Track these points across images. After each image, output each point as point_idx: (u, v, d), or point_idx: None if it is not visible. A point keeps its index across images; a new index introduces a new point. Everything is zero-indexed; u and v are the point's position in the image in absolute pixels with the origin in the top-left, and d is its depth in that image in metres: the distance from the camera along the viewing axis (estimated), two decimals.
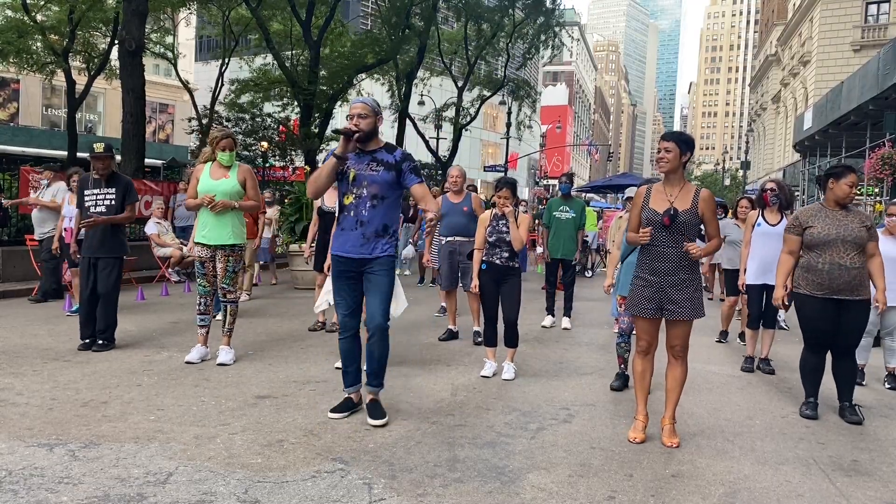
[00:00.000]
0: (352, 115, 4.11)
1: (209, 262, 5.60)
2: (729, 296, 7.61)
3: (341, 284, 4.24)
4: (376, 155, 4.18)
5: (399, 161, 4.18)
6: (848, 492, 3.42)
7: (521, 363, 5.94)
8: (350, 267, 4.18)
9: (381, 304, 4.17)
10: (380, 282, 4.16)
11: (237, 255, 5.65)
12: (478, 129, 49.13)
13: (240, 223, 5.67)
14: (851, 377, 4.78)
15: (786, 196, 6.26)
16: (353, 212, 4.15)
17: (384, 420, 4.12)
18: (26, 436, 3.72)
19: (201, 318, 5.70)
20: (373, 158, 4.17)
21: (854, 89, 19.37)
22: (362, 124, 4.08)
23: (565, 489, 3.29)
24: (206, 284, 5.64)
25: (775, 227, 6.12)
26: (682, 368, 4.05)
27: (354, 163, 4.16)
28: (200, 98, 27.64)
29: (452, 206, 7.22)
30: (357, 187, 4.14)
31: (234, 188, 5.56)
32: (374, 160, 4.16)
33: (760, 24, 70.15)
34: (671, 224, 3.88)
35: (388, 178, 4.14)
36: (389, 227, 4.20)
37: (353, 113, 4.12)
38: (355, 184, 4.14)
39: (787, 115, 44.08)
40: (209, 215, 5.52)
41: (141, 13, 12.25)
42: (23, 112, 30.61)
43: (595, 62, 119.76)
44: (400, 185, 4.22)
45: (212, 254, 5.59)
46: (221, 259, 5.58)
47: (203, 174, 5.57)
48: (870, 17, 35.93)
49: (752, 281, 6.27)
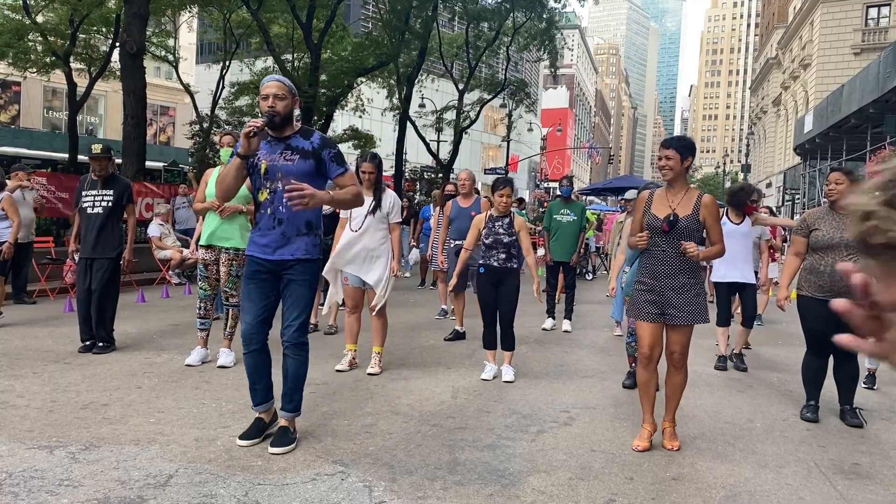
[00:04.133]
0: (266, 96, 3.60)
1: (212, 265, 5.61)
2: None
3: (251, 287, 3.72)
4: (290, 142, 3.67)
5: (318, 148, 3.66)
6: (849, 495, 3.41)
7: (521, 366, 5.94)
8: (265, 268, 3.69)
9: (298, 315, 3.70)
10: (298, 291, 3.69)
11: (241, 259, 5.60)
12: (478, 131, 49.16)
13: (246, 227, 5.65)
14: (852, 380, 4.77)
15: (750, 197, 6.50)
16: (269, 209, 3.64)
17: (286, 449, 3.64)
18: (26, 438, 3.72)
19: (201, 321, 5.69)
20: (287, 146, 3.65)
21: (854, 92, 19.40)
22: (279, 106, 3.59)
23: (566, 492, 3.28)
24: (208, 288, 5.64)
25: (739, 226, 6.32)
26: (682, 377, 4.02)
27: (266, 152, 3.65)
28: (201, 101, 27.68)
29: (462, 210, 7.19)
30: (271, 181, 3.62)
31: (242, 191, 5.46)
32: (288, 148, 3.65)
33: (761, 27, 70.20)
34: (671, 230, 3.87)
35: (305, 167, 3.62)
36: (313, 224, 3.72)
37: (267, 93, 3.60)
38: (268, 177, 3.62)
39: (788, 118, 44.11)
40: (216, 218, 5.53)
41: (142, 16, 12.28)
42: (24, 114, 30.64)
43: (596, 65, 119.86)
44: (322, 176, 3.72)
45: (216, 257, 5.59)
46: (225, 262, 5.58)
47: (212, 178, 5.54)
48: (870, 20, 35.97)
49: (719, 279, 6.39)
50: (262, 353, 3.80)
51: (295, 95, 3.69)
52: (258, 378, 3.83)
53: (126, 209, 6.16)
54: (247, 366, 3.83)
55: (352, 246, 5.48)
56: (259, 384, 3.84)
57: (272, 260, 3.68)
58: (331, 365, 5.69)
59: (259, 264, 3.71)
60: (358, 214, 5.48)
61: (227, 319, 5.72)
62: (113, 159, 6.18)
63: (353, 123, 28.72)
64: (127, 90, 12.25)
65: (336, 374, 5.46)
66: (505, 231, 5.51)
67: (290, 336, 3.72)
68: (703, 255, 3.89)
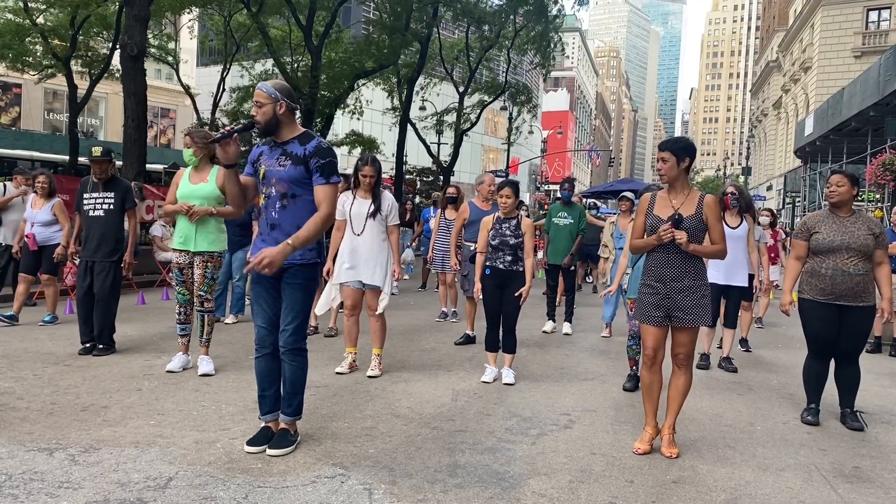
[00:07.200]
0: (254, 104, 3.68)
1: (187, 269, 5.43)
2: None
3: (257, 291, 3.76)
4: (287, 147, 3.66)
5: (308, 155, 3.61)
6: (849, 498, 3.41)
7: (521, 368, 5.94)
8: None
9: (293, 320, 3.68)
10: (293, 296, 3.68)
11: (216, 262, 5.45)
12: (479, 134, 49.22)
13: (219, 229, 5.48)
14: (853, 383, 4.75)
15: (745, 200, 6.55)
16: (264, 214, 3.71)
17: (285, 451, 3.65)
18: (26, 440, 3.72)
19: (181, 327, 5.50)
20: (283, 152, 3.66)
21: (855, 95, 19.41)
22: (259, 114, 3.61)
23: (566, 495, 3.28)
24: (185, 292, 5.44)
25: (735, 229, 6.34)
26: (687, 377, 4.02)
27: (266, 157, 3.72)
28: (202, 103, 27.72)
29: (481, 213, 7.14)
30: (266, 186, 3.68)
31: (213, 193, 5.36)
32: (283, 153, 3.65)
33: (761, 30, 70.28)
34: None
35: (295, 173, 3.61)
36: None
37: (254, 101, 3.68)
38: (265, 182, 3.69)
39: (789, 120, 44.12)
40: (186, 221, 5.37)
41: (143, 18, 12.27)
42: (24, 116, 30.66)
43: (596, 68, 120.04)
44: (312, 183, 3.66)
45: (190, 260, 5.41)
46: (199, 265, 5.38)
47: (182, 179, 5.43)
48: (871, 23, 36.00)
49: (712, 281, 6.34)
50: (272, 358, 3.78)
51: (277, 100, 3.61)
52: (268, 385, 3.80)
53: (127, 212, 6.16)
54: (256, 371, 3.82)
55: (355, 249, 5.49)
56: (268, 392, 3.81)
57: None
58: (331, 368, 5.69)
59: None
60: (358, 217, 5.50)
61: (202, 326, 5.49)
62: (113, 162, 6.17)
63: (353, 126, 28.78)
64: (128, 92, 12.24)
65: (336, 376, 5.46)
66: (512, 233, 5.50)
67: (286, 341, 3.70)
68: (699, 251, 3.87)
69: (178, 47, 27.00)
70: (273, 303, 3.74)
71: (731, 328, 6.51)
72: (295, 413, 3.80)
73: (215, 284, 5.52)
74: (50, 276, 7.54)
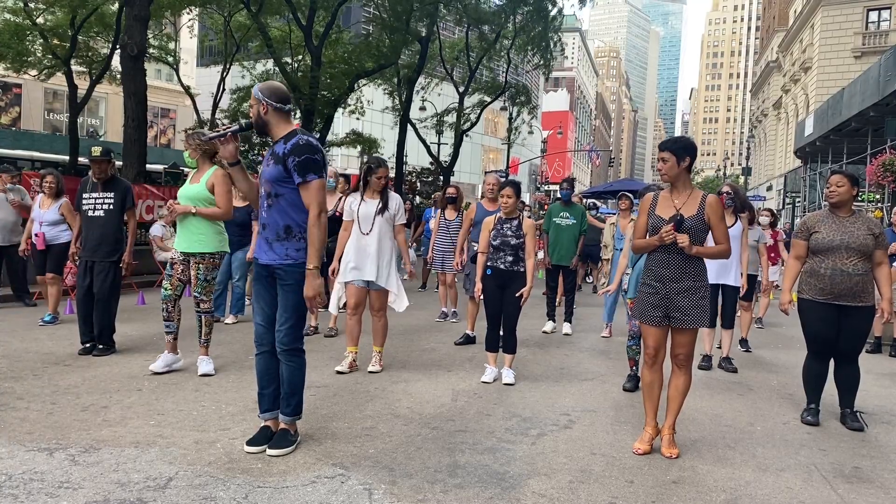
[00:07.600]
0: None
1: (178, 265, 5.38)
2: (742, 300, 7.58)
3: (257, 289, 3.80)
4: (275, 147, 3.68)
5: (286, 154, 3.57)
6: (849, 499, 3.41)
7: (521, 368, 5.94)
8: (264, 271, 3.75)
9: (286, 320, 3.69)
10: (285, 296, 3.68)
11: (208, 263, 5.39)
12: (479, 134, 49.23)
13: (208, 230, 5.41)
14: (853, 383, 4.75)
15: (740, 200, 6.54)
16: (260, 213, 3.78)
17: (285, 451, 3.65)
18: (26, 440, 3.72)
19: (167, 324, 5.44)
20: (271, 151, 3.69)
21: (855, 95, 19.42)
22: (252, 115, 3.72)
23: (566, 495, 3.28)
24: (169, 288, 5.38)
25: (729, 229, 6.27)
26: (686, 377, 4.02)
27: (265, 158, 3.79)
28: (202, 103, 27.73)
29: (487, 214, 7.15)
30: (261, 186, 3.76)
31: (200, 194, 5.36)
32: (272, 153, 3.68)
33: (761, 30, 70.28)
34: (677, 231, 3.85)
35: (275, 172, 3.61)
36: (293, 229, 3.66)
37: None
38: (260, 182, 3.77)
39: (789, 121, 44.12)
40: (179, 221, 5.44)
41: (143, 18, 12.27)
42: (25, 116, 30.67)
43: (596, 68, 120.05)
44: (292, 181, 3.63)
45: (185, 258, 5.41)
46: (193, 266, 5.36)
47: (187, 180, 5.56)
48: (871, 23, 36.01)
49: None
50: (271, 356, 3.80)
51: (260, 101, 3.64)
52: (267, 383, 3.82)
53: (127, 212, 6.16)
54: (256, 369, 3.84)
55: (361, 248, 5.51)
56: (267, 390, 3.82)
57: (262, 264, 3.76)
58: (331, 367, 5.69)
59: (260, 267, 3.78)
60: (366, 217, 5.52)
61: (200, 327, 5.47)
62: (113, 162, 6.17)
63: (353, 126, 28.78)
64: (128, 92, 12.24)
65: (336, 376, 5.46)
66: (513, 233, 5.50)
67: (280, 341, 3.72)
68: (701, 252, 3.87)
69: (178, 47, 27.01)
70: (271, 301, 3.77)
71: (728, 328, 6.50)
72: (294, 413, 3.80)
73: (210, 286, 5.44)
74: (54, 276, 7.55)
